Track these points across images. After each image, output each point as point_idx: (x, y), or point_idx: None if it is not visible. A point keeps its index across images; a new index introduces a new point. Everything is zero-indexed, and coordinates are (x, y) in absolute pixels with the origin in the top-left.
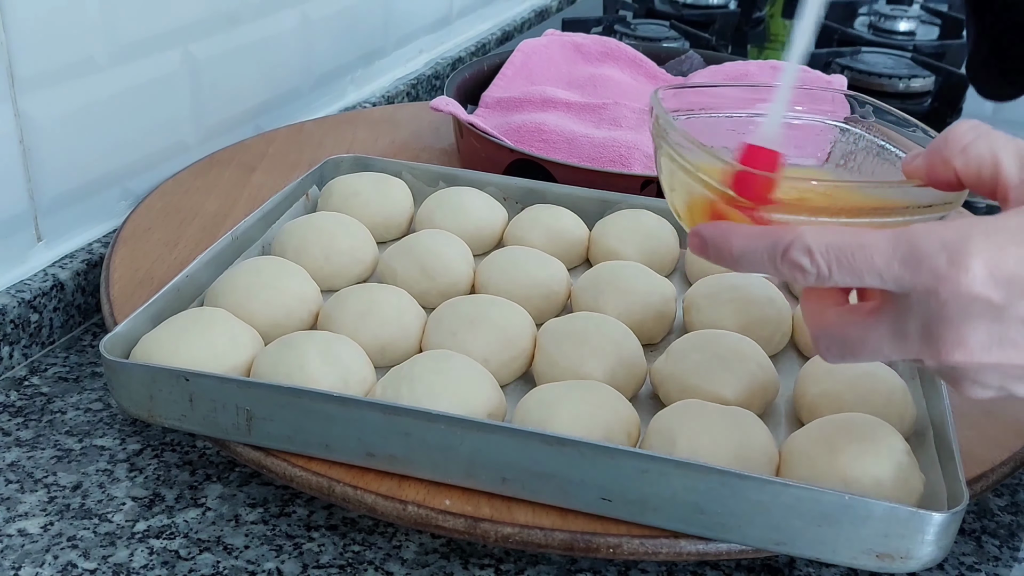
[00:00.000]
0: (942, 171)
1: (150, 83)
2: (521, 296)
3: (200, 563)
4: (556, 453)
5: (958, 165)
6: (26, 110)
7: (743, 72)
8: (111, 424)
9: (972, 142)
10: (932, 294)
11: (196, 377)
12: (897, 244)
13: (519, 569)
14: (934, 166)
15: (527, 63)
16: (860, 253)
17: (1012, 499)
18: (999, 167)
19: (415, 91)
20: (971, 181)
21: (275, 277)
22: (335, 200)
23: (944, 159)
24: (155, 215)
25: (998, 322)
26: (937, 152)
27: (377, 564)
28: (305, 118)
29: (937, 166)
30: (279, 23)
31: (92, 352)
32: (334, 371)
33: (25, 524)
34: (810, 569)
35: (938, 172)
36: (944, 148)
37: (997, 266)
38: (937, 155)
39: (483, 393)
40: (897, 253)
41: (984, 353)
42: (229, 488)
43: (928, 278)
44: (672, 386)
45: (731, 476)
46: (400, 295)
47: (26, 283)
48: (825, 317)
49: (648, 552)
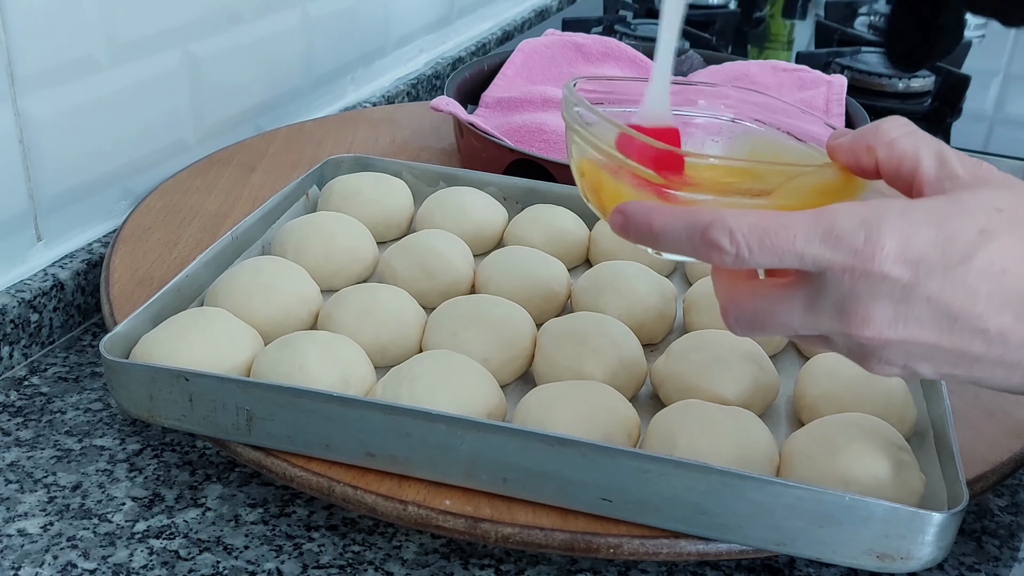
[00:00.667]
0: (864, 157)
1: (150, 82)
2: (521, 296)
3: (200, 563)
4: (556, 453)
5: (881, 155)
6: (26, 110)
7: (743, 72)
8: (111, 424)
9: (899, 137)
10: (847, 271)
11: (196, 377)
12: (818, 222)
13: (519, 569)
14: (858, 150)
15: (527, 63)
16: (782, 233)
17: (1012, 499)
18: (919, 164)
19: (415, 91)
20: (890, 173)
21: (275, 277)
22: (335, 200)
23: (869, 147)
24: (155, 215)
25: (905, 301)
26: (863, 138)
27: (377, 564)
28: (305, 118)
29: (861, 152)
30: (279, 22)
31: (92, 352)
32: (334, 371)
33: (25, 524)
34: (810, 569)
35: (860, 157)
36: (872, 137)
37: (908, 245)
38: (863, 141)
39: (483, 393)
40: (817, 231)
41: (890, 330)
42: (229, 488)
43: (846, 256)
44: (672, 386)
45: (731, 476)
46: (400, 295)
47: (26, 283)
48: (736, 289)
49: (648, 552)
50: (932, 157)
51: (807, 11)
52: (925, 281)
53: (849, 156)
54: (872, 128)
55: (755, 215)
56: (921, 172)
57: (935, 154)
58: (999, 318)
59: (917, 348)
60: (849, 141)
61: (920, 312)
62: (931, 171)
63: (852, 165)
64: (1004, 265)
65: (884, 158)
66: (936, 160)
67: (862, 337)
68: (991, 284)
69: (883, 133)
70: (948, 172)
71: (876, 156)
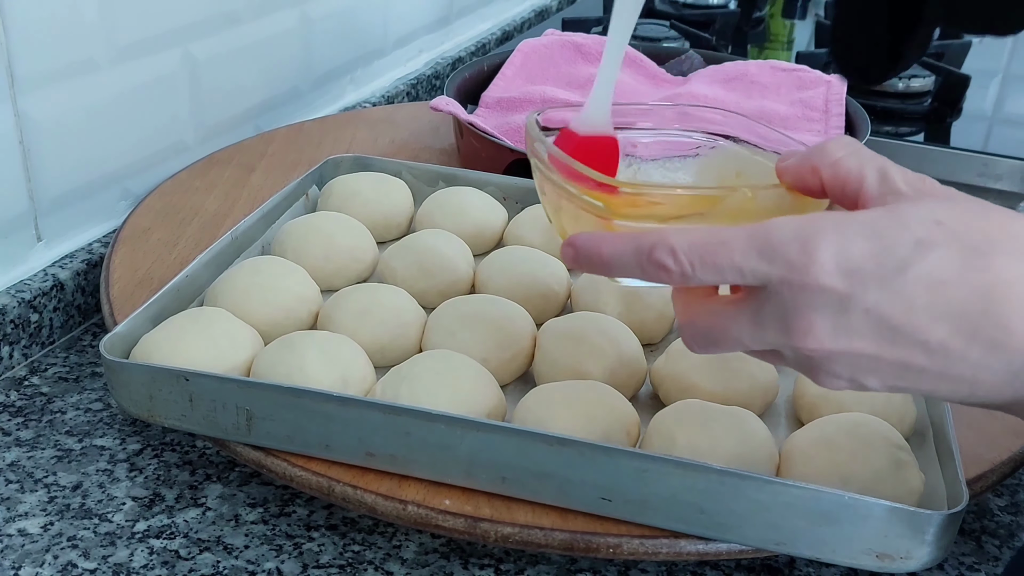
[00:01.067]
0: (810, 179)
1: (150, 83)
2: (521, 296)
3: (200, 563)
4: (556, 453)
5: (826, 176)
6: (26, 110)
7: (743, 72)
8: (111, 424)
9: (843, 157)
10: (785, 283)
11: (196, 377)
12: (754, 237)
13: (519, 569)
14: (803, 172)
15: (527, 63)
16: (721, 249)
17: (1012, 499)
18: (862, 181)
19: (415, 91)
20: (835, 193)
21: (275, 277)
22: (335, 200)
23: (814, 168)
24: (155, 215)
25: (843, 312)
26: (809, 160)
27: (377, 564)
28: (305, 118)
29: (806, 173)
30: (279, 23)
31: (92, 352)
32: (334, 371)
33: (25, 524)
34: (810, 569)
35: (806, 179)
36: (817, 158)
37: (844, 257)
38: (808, 162)
39: (483, 393)
40: (754, 246)
41: (832, 341)
42: (229, 488)
43: (782, 268)
44: (672, 386)
45: (731, 476)
46: (400, 295)
47: (26, 283)
48: (692, 308)
49: (648, 552)
50: (875, 174)
51: (807, 11)
52: (862, 292)
53: (795, 178)
54: (817, 149)
55: (697, 233)
56: (864, 189)
57: (878, 171)
58: (938, 330)
59: (861, 360)
60: (795, 163)
61: (859, 323)
62: (874, 187)
63: (799, 186)
64: (941, 277)
65: (829, 178)
66: (879, 176)
67: (806, 349)
68: (928, 295)
69: (827, 154)
70: (890, 187)
71: (821, 176)
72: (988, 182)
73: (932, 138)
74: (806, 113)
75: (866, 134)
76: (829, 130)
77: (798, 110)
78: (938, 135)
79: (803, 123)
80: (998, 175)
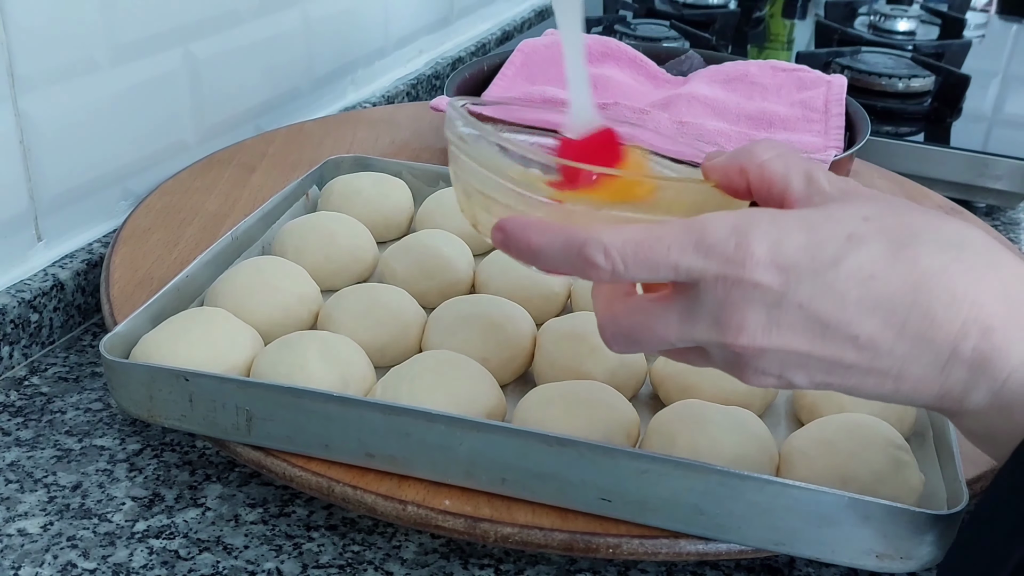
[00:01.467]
0: (736, 179)
1: (150, 83)
2: (521, 296)
3: (200, 563)
4: (556, 453)
5: (752, 177)
6: (26, 110)
7: (743, 72)
8: (111, 424)
9: (770, 159)
10: (720, 279)
11: (196, 377)
12: (690, 232)
13: (519, 569)
14: (730, 172)
15: (527, 63)
16: (656, 246)
17: None
18: (788, 183)
19: (415, 91)
20: (761, 194)
21: (275, 277)
22: (335, 200)
23: (741, 169)
24: (155, 215)
25: (777, 307)
26: (736, 160)
27: (377, 564)
28: (305, 118)
29: (733, 173)
30: (279, 23)
31: (92, 352)
32: (334, 371)
33: (25, 524)
34: (810, 569)
35: (732, 178)
36: (744, 159)
37: (779, 251)
38: (736, 163)
39: (483, 393)
40: (690, 241)
41: (764, 338)
42: (229, 488)
43: (717, 264)
44: (672, 386)
45: (731, 476)
46: (400, 295)
47: (26, 283)
48: (614, 306)
49: (648, 552)
50: (800, 176)
51: (807, 11)
52: (796, 286)
53: (722, 177)
54: (745, 150)
55: (630, 230)
56: (790, 191)
57: (803, 173)
58: (868, 324)
59: (791, 356)
60: (723, 162)
61: (792, 318)
62: (800, 189)
63: (725, 186)
64: (872, 270)
65: (755, 179)
66: (804, 179)
67: (737, 346)
68: (859, 289)
69: (754, 155)
70: (816, 189)
71: (747, 178)
72: (988, 182)
73: (932, 138)
74: (806, 114)
75: (866, 134)
76: (829, 130)
77: (798, 111)
78: (938, 135)
79: (803, 124)
80: (998, 175)
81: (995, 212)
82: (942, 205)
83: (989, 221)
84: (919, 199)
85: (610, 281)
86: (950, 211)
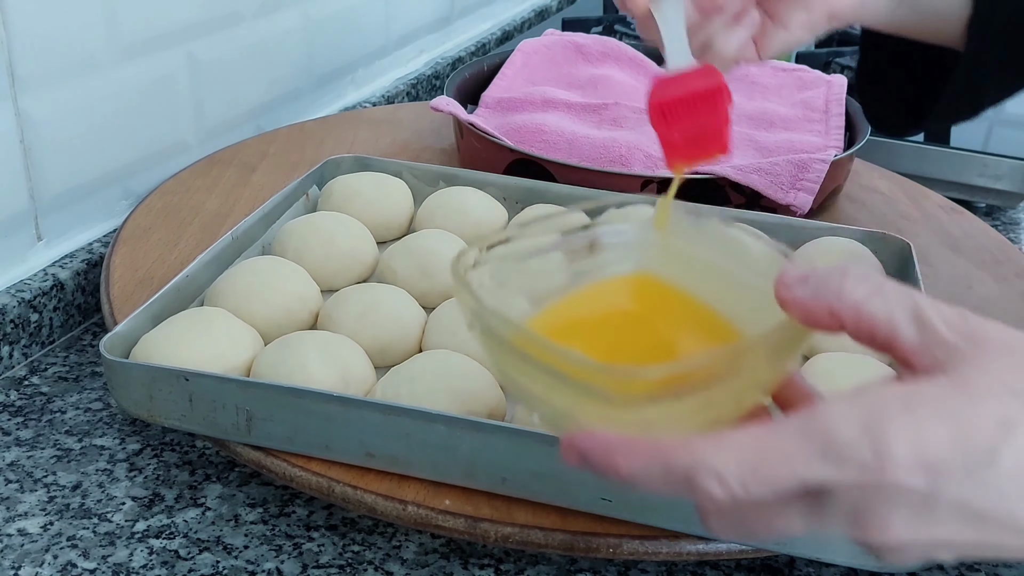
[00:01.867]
0: (825, 320)
1: (151, 83)
2: None
3: (200, 563)
4: (556, 453)
5: (848, 321)
6: (26, 110)
7: (744, 72)
8: (111, 424)
9: (866, 299)
10: (857, 486)
11: (196, 377)
12: (811, 439)
13: (519, 569)
14: (817, 312)
15: (527, 63)
16: (776, 462)
17: None
18: (896, 332)
19: (415, 91)
20: (863, 339)
21: (275, 277)
22: (335, 200)
23: (832, 311)
24: (155, 215)
25: (925, 507)
26: (823, 298)
27: (377, 564)
28: (306, 118)
29: (821, 313)
30: (280, 23)
31: (92, 352)
32: (334, 371)
33: (25, 524)
34: (810, 569)
35: (820, 319)
36: (835, 299)
37: (922, 449)
38: (823, 302)
39: (483, 393)
40: (814, 449)
41: (910, 534)
42: (229, 488)
43: (854, 472)
44: None
45: None
46: (400, 295)
47: (26, 283)
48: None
49: (648, 552)
50: (909, 321)
51: None
52: (946, 486)
53: (805, 314)
54: (834, 287)
55: (738, 444)
56: (901, 342)
57: (912, 318)
58: None
59: (940, 543)
60: (806, 298)
61: (943, 515)
62: (913, 340)
63: (809, 324)
64: None
65: (852, 323)
66: (915, 324)
67: (878, 543)
68: (1020, 479)
69: (845, 294)
70: (934, 338)
71: (841, 320)
72: (988, 182)
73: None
74: (806, 114)
75: (866, 134)
76: (830, 130)
77: (799, 111)
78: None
79: (804, 124)
80: (998, 175)
81: (995, 212)
82: (942, 205)
83: (989, 221)
84: (919, 199)
85: (727, 506)
86: (950, 211)
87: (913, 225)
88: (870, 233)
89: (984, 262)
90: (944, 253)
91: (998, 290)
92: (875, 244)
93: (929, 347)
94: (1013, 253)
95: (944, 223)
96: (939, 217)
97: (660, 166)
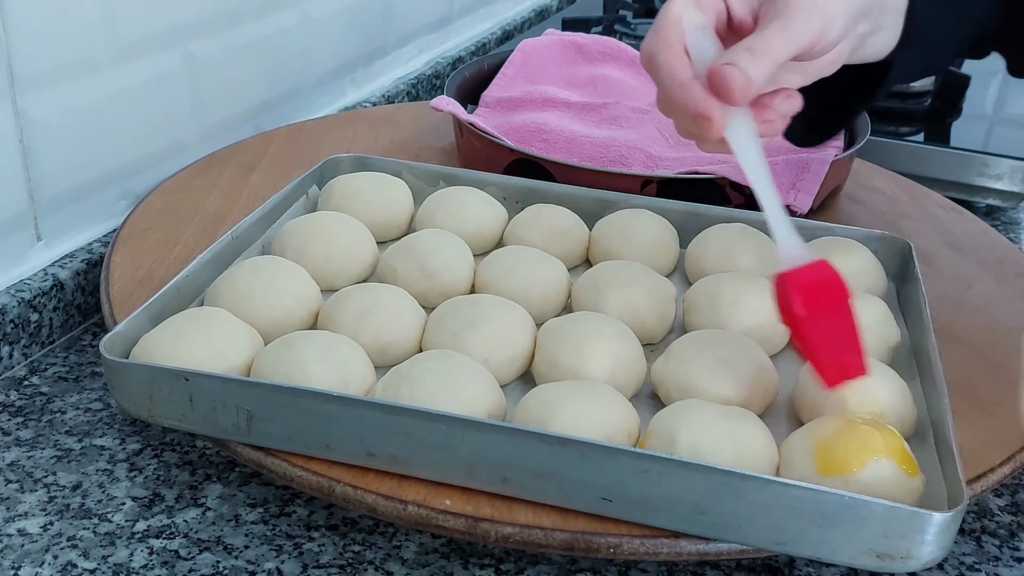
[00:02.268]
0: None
1: (150, 82)
2: (521, 296)
3: (200, 563)
4: (556, 453)
5: None
6: (26, 110)
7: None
8: (111, 424)
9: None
10: None
11: (196, 377)
12: None
13: (519, 569)
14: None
15: (527, 63)
16: None
17: (1012, 499)
18: None
19: (415, 91)
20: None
21: (275, 277)
22: (335, 200)
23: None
24: (155, 215)
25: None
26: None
27: (377, 564)
28: (305, 118)
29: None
30: (279, 23)
31: (92, 352)
32: (334, 371)
33: (25, 524)
34: (810, 569)
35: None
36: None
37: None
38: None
39: (483, 393)
40: None
41: None
42: (229, 488)
43: None
44: (672, 386)
45: (732, 476)
46: (400, 295)
47: (26, 283)
48: None
49: (648, 552)
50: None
51: None
52: None
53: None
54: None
55: None
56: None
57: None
58: None
59: None
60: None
61: None
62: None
63: None
64: None
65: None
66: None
67: None
68: None
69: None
70: None
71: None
72: (988, 182)
73: (932, 138)
74: None
75: (866, 134)
76: None
77: None
78: (938, 135)
79: None
80: (998, 175)
81: (995, 212)
82: (942, 205)
83: (989, 221)
84: (919, 199)
85: None
86: (950, 211)
87: (914, 225)
88: (870, 233)
89: (984, 262)
90: (945, 253)
91: (998, 290)
92: (875, 244)
93: None
94: (1013, 253)
95: (945, 223)
96: (939, 217)
97: (660, 166)
